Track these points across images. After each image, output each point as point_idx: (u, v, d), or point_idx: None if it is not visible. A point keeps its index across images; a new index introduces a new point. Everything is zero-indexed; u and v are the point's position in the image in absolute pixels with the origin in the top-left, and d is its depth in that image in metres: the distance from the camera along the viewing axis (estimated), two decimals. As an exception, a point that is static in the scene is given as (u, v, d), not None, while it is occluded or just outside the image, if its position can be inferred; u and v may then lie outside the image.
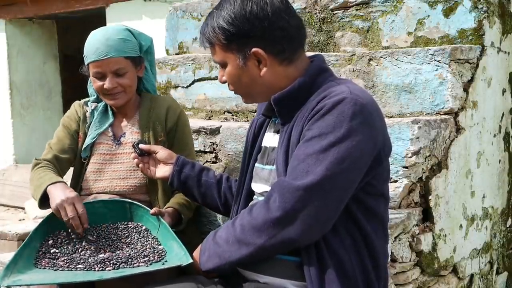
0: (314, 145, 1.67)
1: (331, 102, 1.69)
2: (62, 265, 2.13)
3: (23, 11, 7.02)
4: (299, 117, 1.79)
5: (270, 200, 1.69)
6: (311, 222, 1.66)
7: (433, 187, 2.53)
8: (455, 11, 2.82)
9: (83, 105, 2.60)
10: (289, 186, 1.66)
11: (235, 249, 1.74)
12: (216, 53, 1.86)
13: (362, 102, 1.69)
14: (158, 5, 5.69)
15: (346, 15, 3.12)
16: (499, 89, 2.99)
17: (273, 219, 1.67)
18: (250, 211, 1.75)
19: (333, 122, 1.66)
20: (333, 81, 1.82)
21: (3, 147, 7.31)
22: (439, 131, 2.55)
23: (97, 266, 2.09)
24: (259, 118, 2.01)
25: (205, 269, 1.83)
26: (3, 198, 6.70)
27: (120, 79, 2.43)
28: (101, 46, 2.41)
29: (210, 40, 1.85)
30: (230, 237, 1.76)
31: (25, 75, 7.36)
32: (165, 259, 2.10)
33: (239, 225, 1.75)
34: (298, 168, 1.67)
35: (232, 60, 1.84)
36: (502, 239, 3.09)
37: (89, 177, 2.52)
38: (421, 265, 2.50)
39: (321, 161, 1.65)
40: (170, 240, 2.15)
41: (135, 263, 2.09)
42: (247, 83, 1.86)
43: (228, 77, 1.87)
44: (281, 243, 1.69)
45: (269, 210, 1.68)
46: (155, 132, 2.50)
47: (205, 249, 1.84)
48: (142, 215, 2.31)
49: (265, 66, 1.82)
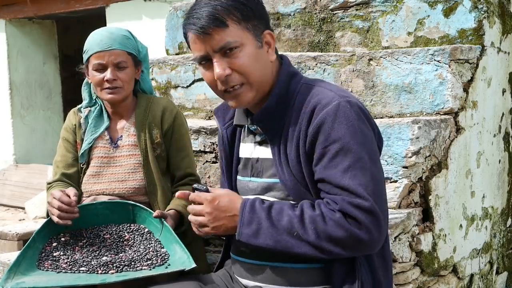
0: (343, 160, 1.68)
1: (331, 111, 1.69)
2: (65, 268, 2.13)
3: (23, 11, 7.02)
4: (287, 128, 1.77)
5: (349, 220, 1.66)
6: (385, 228, 1.72)
7: (433, 187, 2.53)
8: (455, 11, 2.82)
9: (77, 112, 2.59)
10: (362, 207, 1.65)
11: (298, 244, 1.68)
12: (231, 32, 1.71)
13: (352, 100, 1.73)
14: (158, 5, 5.69)
15: (346, 15, 3.11)
16: (499, 89, 2.99)
17: (355, 237, 1.66)
18: (323, 218, 1.67)
19: (347, 131, 1.68)
20: (306, 83, 1.81)
21: (3, 147, 7.31)
22: (439, 131, 2.55)
23: (100, 269, 2.09)
24: (226, 128, 1.95)
25: (245, 240, 1.71)
26: (3, 198, 6.71)
27: (120, 73, 2.44)
28: (104, 38, 2.44)
29: (223, 19, 1.70)
30: (296, 231, 1.68)
31: (25, 75, 7.36)
32: (168, 263, 2.09)
33: (311, 229, 1.67)
34: (351, 187, 1.66)
35: (250, 40, 1.73)
36: (502, 239, 3.09)
37: (88, 181, 2.52)
38: (421, 265, 2.50)
39: (365, 170, 1.68)
40: (173, 243, 2.15)
41: (138, 266, 2.08)
42: (261, 69, 1.76)
43: (245, 60, 1.72)
44: (355, 253, 1.71)
45: (349, 230, 1.66)
46: (151, 135, 2.49)
47: (252, 220, 1.71)
48: (145, 217, 2.30)
49: (271, 53, 1.79)
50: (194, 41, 1.75)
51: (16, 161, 7.25)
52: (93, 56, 2.43)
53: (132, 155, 2.50)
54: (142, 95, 2.59)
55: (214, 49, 1.72)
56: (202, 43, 1.72)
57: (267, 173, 1.84)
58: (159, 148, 2.50)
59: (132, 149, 2.51)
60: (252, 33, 1.74)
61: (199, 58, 1.76)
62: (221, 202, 1.72)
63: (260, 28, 1.76)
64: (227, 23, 1.70)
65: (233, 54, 1.72)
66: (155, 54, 3.94)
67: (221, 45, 1.71)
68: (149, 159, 2.47)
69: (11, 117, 7.28)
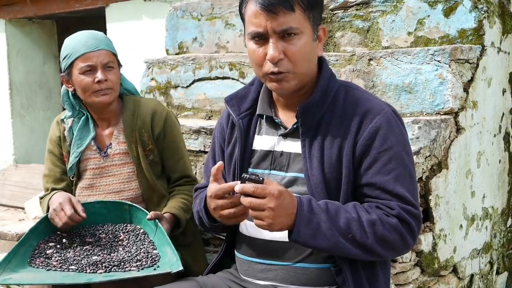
0: (395, 167, 1.74)
1: (384, 119, 1.76)
2: (55, 265, 2.13)
3: (23, 11, 7.02)
4: (326, 126, 1.78)
5: (404, 226, 1.72)
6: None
7: (433, 187, 2.52)
8: (455, 11, 2.81)
9: (60, 123, 2.52)
10: (414, 214, 1.74)
11: (352, 246, 1.69)
12: (295, 18, 1.69)
13: (395, 109, 1.83)
14: (158, 5, 5.69)
15: (346, 15, 3.11)
16: (499, 89, 2.98)
17: (405, 241, 1.74)
18: (381, 222, 1.69)
19: (398, 140, 1.76)
20: (343, 85, 1.85)
21: (3, 147, 7.31)
22: (439, 131, 2.55)
23: (89, 268, 2.09)
24: (242, 117, 1.89)
25: (302, 240, 1.66)
26: (3, 198, 6.70)
27: (110, 74, 2.38)
28: (89, 40, 2.37)
29: (292, 2, 1.68)
30: (352, 233, 1.68)
31: (25, 75, 7.36)
32: (158, 264, 2.09)
33: (370, 233, 1.69)
34: (403, 194, 1.73)
35: (309, 30, 1.73)
36: (502, 239, 3.09)
37: (81, 193, 2.47)
38: (421, 265, 2.50)
39: (412, 178, 1.78)
40: (165, 245, 2.15)
41: (127, 266, 2.08)
42: (309, 62, 1.77)
43: (300, 48, 1.71)
44: (397, 255, 1.87)
45: (403, 235, 1.72)
46: (143, 142, 2.42)
47: (311, 220, 1.66)
48: (141, 218, 2.30)
49: (320, 48, 1.81)
50: (255, 15, 1.71)
51: (16, 161, 7.24)
52: (79, 59, 2.35)
53: (124, 163, 2.44)
54: (128, 96, 2.50)
55: (276, 30, 1.69)
56: (265, 20, 1.69)
57: (293, 167, 1.82)
58: (151, 154, 2.44)
59: (123, 157, 2.44)
60: (312, 24, 1.74)
61: (254, 34, 1.73)
62: (285, 198, 1.63)
63: (317, 21, 1.77)
64: (294, 7, 1.69)
65: (291, 40, 1.71)
66: (155, 54, 3.94)
67: (284, 27, 1.69)
68: (143, 167, 2.41)
69: (11, 117, 7.28)
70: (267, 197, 1.60)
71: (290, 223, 1.64)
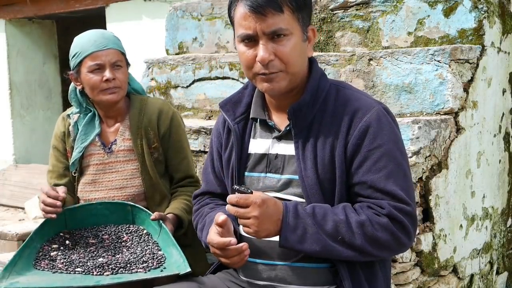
0: (386, 165, 1.72)
1: (374, 117, 1.74)
2: (60, 268, 2.12)
3: (23, 11, 7.02)
4: (318, 126, 1.78)
5: (395, 225, 1.71)
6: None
7: (433, 187, 2.52)
8: (455, 11, 2.81)
9: (66, 118, 2.54)
10: (407, 212, 1.72)
11: (343, 248, 1.70)
12: (284, 19, 1.70)
13: (387, 107, 1.81)
14: (158, 5, 5.69)
15: (346, 15, 3.11)
16: (499, 89, 2.98)
17: (399, 241, 1.73)
18: (370, 223, 1.69)
19: (389, 137, 1.74)
20: (334, 85, 1.84)
21: (3, 147, 7.31)
22: (439, 131, 2.55)
23: (95, 270, 2.08)
24: (238, 122, 1.90)
25: (289, 245, 1.70)
26: (3, 198, 6.70)
27: (118, 73, 2.40)
28: (98, 38, 2.39)
29: (281, 4, 1.69)
30: (342, 236, 1.69)
31: (25, 75, 7.36)
32: (164, 266, 2.08)
33: (358, 234, 1.69)
34: (395, 192, 1.71)
35: (298, 31, 1.74)
36: (502, 239, 3.09)
37: (84, 189, 2.47)
38: (421, 265, 2.50)
39: (405, 175, 1.75)
40: (170, 246, 2.14)
41: (133, 268, 2.08)
42: (300, 62, 1.77)
43: (291, 49, 1.72)
44: (393, 254, 1.87)
45: (395, 234, 1.71)
46: (148, 139, 2.43)
47: (297, 226, 1.70)
48: (144, 219, 2.30)
49: (310, 48, 1.81)
50: (245, 17, 1.72)
51: (16, 161, 7.24)
52: (88, 57, 2.37)
53: (128, 160, 2.45)
54: (135, 96, 2.53)
55: (265, 32, 1.71)
56: (254, 21, 1.70)
57: (288, 169, 1.83)
58: (156, 152, 2.45)
59: (128, 154, 2.45)
60: (301, 25, 1.75)
61: (244, 36, 1.74)
62: (269, 206, 1.68)
63: (307, 22, 1.78)
64: (283, 9, 1.70)
65: (280, 41, 1.72)
66: (155, 54, 3.94)
67: (273, 29, 1.70)
68: (147, 164, 2.42)
69: (11, 117, 7.28)
70: (250, 206, 1.66)
71: (276, 229, 1.70)
